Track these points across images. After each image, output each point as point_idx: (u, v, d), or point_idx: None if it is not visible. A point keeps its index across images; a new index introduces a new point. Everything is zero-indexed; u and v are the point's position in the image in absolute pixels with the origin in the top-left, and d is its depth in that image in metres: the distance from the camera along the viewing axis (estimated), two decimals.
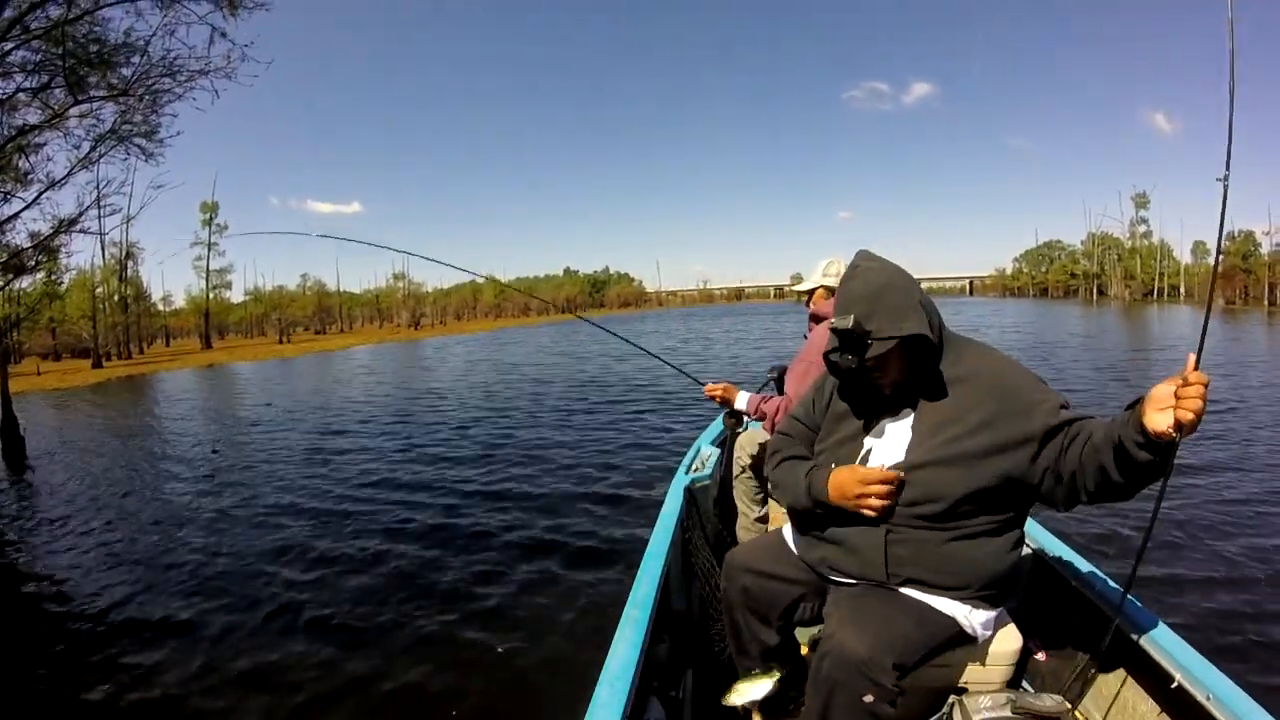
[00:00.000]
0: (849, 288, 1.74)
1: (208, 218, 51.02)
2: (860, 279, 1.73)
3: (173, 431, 12.32)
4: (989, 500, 1.66)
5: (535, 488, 6.92)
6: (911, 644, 1.62)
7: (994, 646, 1.84)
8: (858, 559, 1.75)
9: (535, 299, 74.45)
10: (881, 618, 1.63)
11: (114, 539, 6.00)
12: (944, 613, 1.71)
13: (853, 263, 1.82)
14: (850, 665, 1.53)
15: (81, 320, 36.03)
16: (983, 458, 1.63)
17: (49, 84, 7.58)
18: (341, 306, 74.89)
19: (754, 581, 1.92)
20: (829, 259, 3.05)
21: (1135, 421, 1.39)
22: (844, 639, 1.56)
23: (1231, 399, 10.36)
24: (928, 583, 1.71)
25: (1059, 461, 1.58)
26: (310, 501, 6.87)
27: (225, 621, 4.25)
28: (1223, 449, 7.28)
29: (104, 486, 8.07)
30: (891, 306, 1.68)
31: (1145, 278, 70.13)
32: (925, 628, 1.68)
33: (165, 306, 56.60)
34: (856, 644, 1.54)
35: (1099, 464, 1.49)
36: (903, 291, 1.71)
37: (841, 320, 1.67)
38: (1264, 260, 56.53)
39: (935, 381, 1.74)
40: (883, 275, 1.73)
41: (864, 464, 1.77)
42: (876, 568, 1.72)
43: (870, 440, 1.81)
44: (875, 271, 1.74)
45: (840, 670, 1.54)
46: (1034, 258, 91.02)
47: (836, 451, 1.86)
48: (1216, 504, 5.45)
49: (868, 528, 1.73)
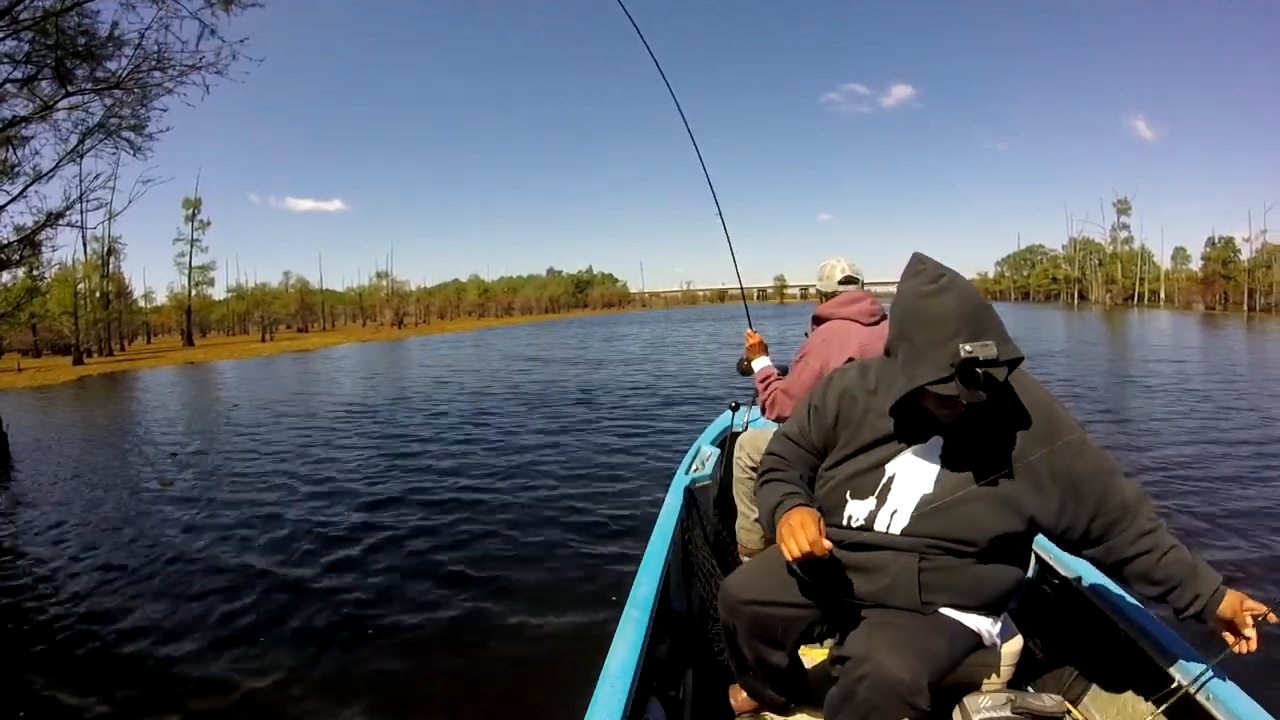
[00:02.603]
0: (941, 304, 1.47)
1: (190, 213, 50.46)
2: (953, 293, 1.47)
3: (151, 430, 12.19)
4: (1019, 530, 1.64)
5: (534, 488, 6.87)
6: (944, 661, 1.61)
7: (994, 646, 1.84)
8: (888, 588, 1.67)
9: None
10: (919, 640, 1.58)
11: (104, 539, 5.92)
12: (971, 628, 1.69)
13: (926, 271, 1.55)
14: (892, 691, 1.47)
15: (63, 316, 35.52)
16: (1017, 497, 1.60)
17: (37, 75, 7.49)
18: (324, 304, 74.32)
19: (761, 611, 1.79)
20: (831, 261, 3.05)
21: (1199, 608, 1.56)
22: (885, 662, 1.49)
23: (1235, 401, 10.53)
24: (958, 604, 1.68)
25: (1099, 537, 1.64)
26: (298, 499, 6.80)
27: (183, 620, 4.24)
28: (1223, 447, 7.37)
29: (87, 486, 7.96)
30: (998, 325, 1.46)
31: (1126, 282, 70.80)
32: (956, 644, 1.66)
33: (147, 303, 55.99)
34: (899, 669, 1.48)
35: (1143, 584, 1.63)
36: (991, 305, 1.51)
37: (981, 347, 1.38)
38: (1243, 266, 57.23)
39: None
40: (972, 288, 1.51)
41: (884, 494, 1.68)
42: (910, 596, 1.66)
43: (893, 468, 1.68)
44: (964, 283, 1.51)
45: (880, 695, 1.47)
46: (1016, 262, 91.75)
47: (853, 481, 1.73)
48: (1217, 503, 5.49)
49: (899, 556, 1.66)
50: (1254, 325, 36.28)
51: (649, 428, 9.94)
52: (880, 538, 1.68)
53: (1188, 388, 12.34)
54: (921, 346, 1.47)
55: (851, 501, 1.72)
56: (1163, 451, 7.44)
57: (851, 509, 1.72)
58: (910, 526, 1.64)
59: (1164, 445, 7.76)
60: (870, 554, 1.69)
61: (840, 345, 2.70)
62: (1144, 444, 7.88)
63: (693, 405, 11.83)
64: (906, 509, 1.65)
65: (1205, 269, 62.79)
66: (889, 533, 1.67)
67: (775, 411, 2.93)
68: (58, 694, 3.46)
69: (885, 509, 1.68)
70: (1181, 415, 9.58)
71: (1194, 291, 63.06)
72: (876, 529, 1.68)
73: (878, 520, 1.68)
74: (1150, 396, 11.46)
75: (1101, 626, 2.08)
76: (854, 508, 1.72)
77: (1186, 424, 8.97)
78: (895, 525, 1.66)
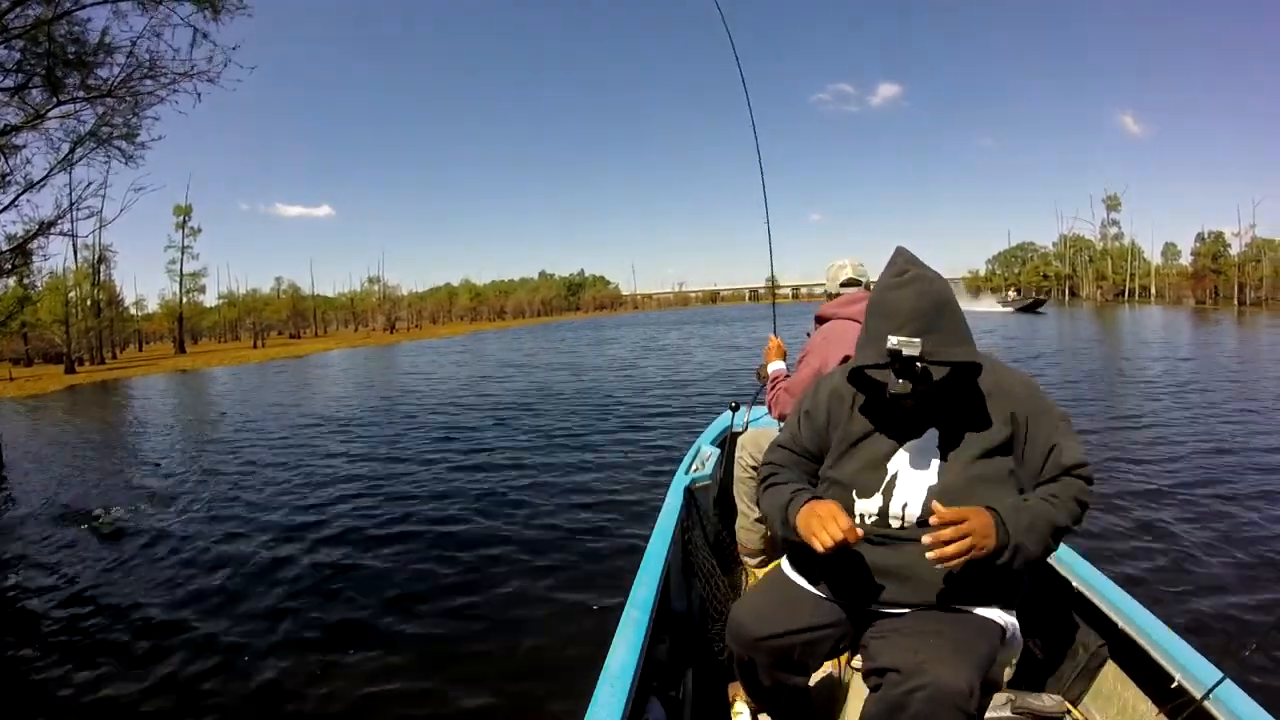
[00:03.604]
0: (897, 297, 1.55)
1: (181, 220, 50.28)
2: (913, 289, 1.55)
3: (143, 438, 12.15)
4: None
5: (532, 488, 6.87)
6: (988, 662, 1.57)
7: None
8: (912, 587, 1.64)
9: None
10: (965, 645, 1.53)
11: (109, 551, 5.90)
12: (996, 621, 1.65)
13: (896, 265, 1.64)
14: (951, 702, 1.42)
15: (54, 325, 35.35)
16: (1009, 476, 1.63)
17: (28, 84, 7.47)
18: (316, 310, 74.12)
19: (779, 644, 1.74)
20: (839, 263, 3.08)
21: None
22: (941, 674, 1.43)
23: (1233, 399, 10.57)
24: (979, 597, 1.64)
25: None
26: (290, 502, 6.76)
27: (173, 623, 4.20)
28: (1223, 447, 7.38)
29: (79, 492, 7.91)
30: (950, 326, 1.55)
31: (1117, 279, 71.04)
32: (991, 641, 1.61)
33: (138, 311, 55.69)
34: (956, 679, 1.43)
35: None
36: (954, 306, 1.57)
37: (906, 343, 1.47)
38: (1233, 261, 57.57)
39: (959, 395, 1.65)
40: (936, 285, 1.57)
41: (890, 490, 1.67)
42: (931, 591, 1.63)
43: (894, 466, 1.68)
44: (928, 281, 1.57)
45: (939, 706, 1.42)
46: (1006, 259, 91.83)
47: (856, 481, 1.72)
48: (1217, 503, 5.48)
49: (916, 549, 1.57)
50: (1244, 319, 36.49)
51: (649, 428, 9.94)
52: (896, 533, 1.66)
53: (1178, 379, 12.41)
54: (871, 334, 1.58)
55: (859, 501, 1.71)
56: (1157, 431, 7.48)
57: (861, 507, 1.70)
58: (924, 517, 1.62)
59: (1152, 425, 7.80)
60: (889, 550, 1.67)
61: (839, 344, 2.72)
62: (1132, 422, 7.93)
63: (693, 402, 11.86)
64: (917, 501, 1.64)
65: (1195, 264, 63.02)
66: (904, 526, 1.66)
67: (778, 410, 2.97)
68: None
69: (895, 503, 1.66)
70: (1174, 391, 9.63)
71: (1184, 287, 63.24)
72: (891, 525, 1.67)
73: (890, 516, 1.67)
74: (1135, 384, 11.54)
75: (1102, 626, 2.09)
76: (863, 506, 1.70)
77: (1172, 405, 9.02)
78: (909, 517, 1.65)
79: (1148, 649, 1.89)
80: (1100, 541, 4.56)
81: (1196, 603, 3.84)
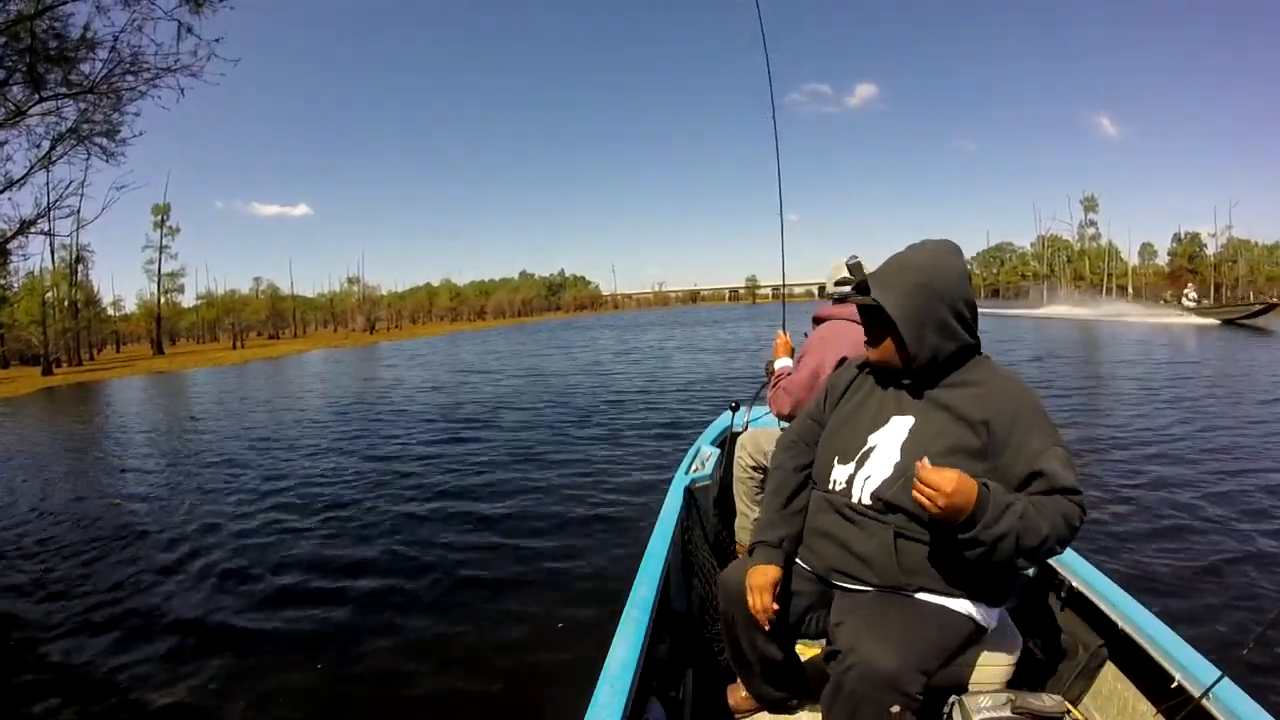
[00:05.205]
0: (899, 255, 1.81)
1: (159, 219, 49.67)
2: (911, 253, 1.78)
3: (121, 439, 11.97)
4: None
5: (530, 488, 6.84)
6: (935, 649, 1.62)
7: (994, 646, 1.86)
8: (868, 565, 1.71)
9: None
10: (903, 626, 1.60)
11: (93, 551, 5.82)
12: (960, 613, 1.69)
13: (920, 242, 1.84)
14: (879, 680, 1.49)
15: (31, 326, 34.79)
16: (970, 463, 1.60)
17: (8, 80, 7.34)
18: (295, 310, 73.54)
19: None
20: (837, 263, 3.09)
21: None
22: (869, 653, 1.52)
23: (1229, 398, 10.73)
24: (941, 585, 1.68)
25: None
26: (286, 500, 6.67)
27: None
28: (1222, 446, 7.45)
29: (61, 497, 7.79)
30: (891, 276, 1.74)
31: (1094, 278, 71.75)
32: (946, 630, 1.67)
33: (116, 311, 54.96)
34: (884, 658, 1.51)
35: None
36: (916, 271, 1.72)
37: (859, 265, 2.49)
38: (1210, 261, 58.40)
39: (952, 388, 1.73)
40: (924, 264, 1.73)
41: (863, 461, 1.76)
42: (890, 574, 1.69)
43: (875, 439, 1.77)
44: (926, 259, 1.74)
45: (867, 685, 1.50)
46: (985, 259, 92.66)
47: (837, 443, 1.84)
48: (1217, 502, 5.50)
49: (876, 530, 1.70)
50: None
51: (648, 427, 9.96)
52: (864, 511, 1.73)
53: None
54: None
55: (837, 466, 1.82)
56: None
57: (836, 474, 1.81)
58: (879, 492, 1.70)
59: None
60: (856, 530, 1.74)
61: (835, 344, 2.74)
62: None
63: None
64: (879, 476, 1.72)
65: (1172, 264, 63.96)
66: (865, 502, 1.73)
67: (776, 407, 2.98)
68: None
69: (861, 474, 1.75)
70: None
71: (1161, 286, 64.05)
72: (853, 496, 1.76)
73: (854, 487, 1.76)
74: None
75: (1101, 626, 2.10)
76: (838, 472, 1.81)
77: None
78: (867, 489, 1.73)
79: (1147, 648, 1.90)
80: (1100, 541, 4.57)
81: (1197, 601, 3.85)
